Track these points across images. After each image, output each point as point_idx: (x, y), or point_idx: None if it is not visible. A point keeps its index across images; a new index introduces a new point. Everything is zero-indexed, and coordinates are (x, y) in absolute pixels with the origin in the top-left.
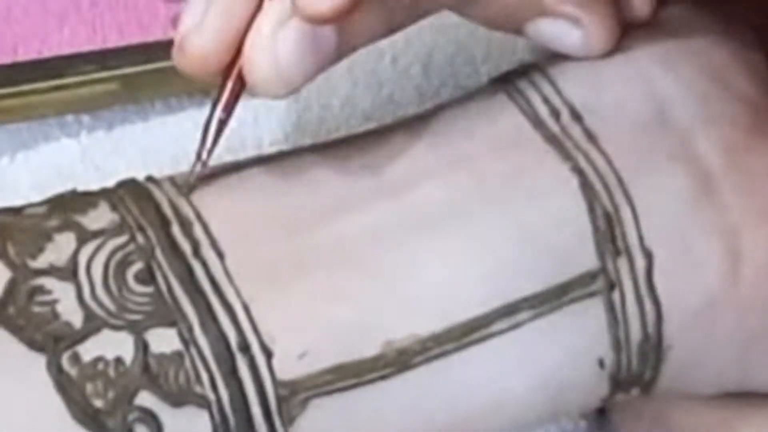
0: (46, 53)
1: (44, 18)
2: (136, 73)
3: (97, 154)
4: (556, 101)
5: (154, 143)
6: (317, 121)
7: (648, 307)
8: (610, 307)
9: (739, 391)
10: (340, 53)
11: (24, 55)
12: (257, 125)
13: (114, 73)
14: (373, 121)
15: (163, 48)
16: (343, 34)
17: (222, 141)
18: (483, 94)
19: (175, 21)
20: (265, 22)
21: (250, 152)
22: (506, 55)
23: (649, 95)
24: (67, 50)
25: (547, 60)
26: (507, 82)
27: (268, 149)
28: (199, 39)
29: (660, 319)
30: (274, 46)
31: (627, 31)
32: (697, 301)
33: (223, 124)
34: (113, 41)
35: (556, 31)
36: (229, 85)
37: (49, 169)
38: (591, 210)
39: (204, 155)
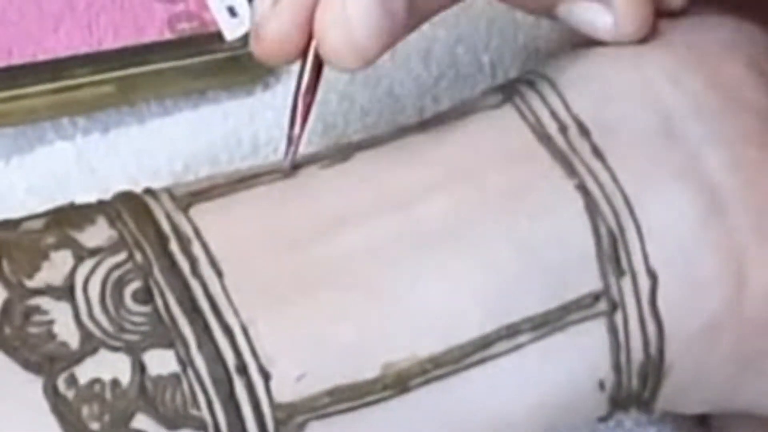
0: (41, 56)
1: (39, 20)
2: (132, 75)
3: (93, 156)
4: (564, 116)
5: (150, 145)
6: (314, 116)
7: (650, 329)
8: (613, 329)
9: (726, 411)
10: (411, 22)
11: (19, 57)
12: (253, 122)
13: (109, 76)
14: (372, 116)
15: (159, 49)
16: (412, 1)
17: (217, 139)
18: (490, 104)
19: (171, 22)
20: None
21: (246, 149)
22: (507, 44)
23: (657, 110)
24: (62, 52)
25: (555, 68)
26: (515, 91)
27: (264, 147)
28: (274, 23)
29: (662, 341)
30: (345, 19)
31: (657, 23)
32: (699, 323)
33: (309, 106)
34: (109, 43)
35: (588, 14)
36: (308, 65)
37: (44, 172)
38: (595, 229)
39: (295, 140)
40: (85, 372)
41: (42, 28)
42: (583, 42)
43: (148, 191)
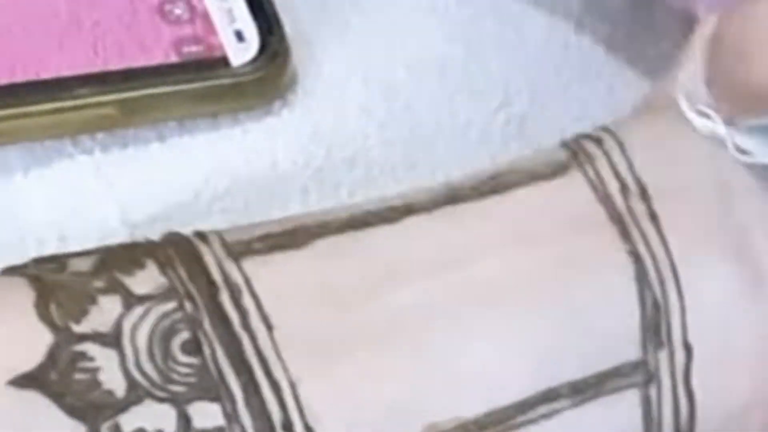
0: (44, 74)
1: (44, 38)
2: (134, 97)
3: (111, 170)
4: (628, 178)
5: (169, 159)
6: (332, 131)
7: (682, 404)
8: (646, 401)
9: None
10: None
11: (22, 75)
12: (271, 138)
13: (111, 97)
14: (389, 130)
15: (163, 72)
16: None
17: (238, 156)
18: (556, 164)
19: (177, 45)
20: None
21: (265, 163)
22: (518, 56)
23: (719, 183)
24: (65, 71)
25: (626, 129)
26: (581, 149)
27: (283, 163)
28: None
29: (693, 417)
30: None
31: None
32: (730, 403)
33: None
34: (113, 63)
35: None
36: None
37: (62, 185)
38: (642, 299)
39: None
40: (129, 422)
41: (46, 46)
42: (650, 105)
43: (199, 234)
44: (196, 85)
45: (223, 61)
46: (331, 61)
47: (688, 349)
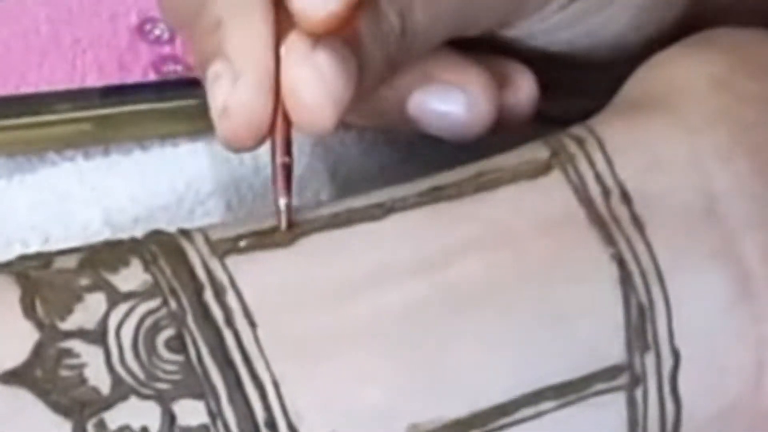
0: (24, 89)
1: (25, 54)
2: (111, 114)
3: (94, 175)
4: (609, 181)
5: (152, 165)
6: (313, 139)
7: (668, 408)
8: (632, 404)
9: None
10: (386, 73)
11: (2, 90)
12: None
13: (88, 114)
14: (367, 141)
15: (141, 90)
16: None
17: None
18: (538, 163)
19: (156, 64)
20: (293, 59)
21: (248, 168)
22: None
23: (702, 187)
24: (44, 87)
25: (607, 128)
26: (562, 148)
27: (265, 169)
28: (243, 96)
29: (678, 421)
30: (318, 73)
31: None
32: (717, 407)
33: (289, 167)
34: (92, 80)
35: (440, 101)
36: (278, 127)
37: (46, 190)
38: (626, 301)
39: (282, 205)
40: (114, 418)
41: (26, 62)
42: (631, 100)
43: (183, 232)
44: (174, 104)
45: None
46: None
47: (675, 353)
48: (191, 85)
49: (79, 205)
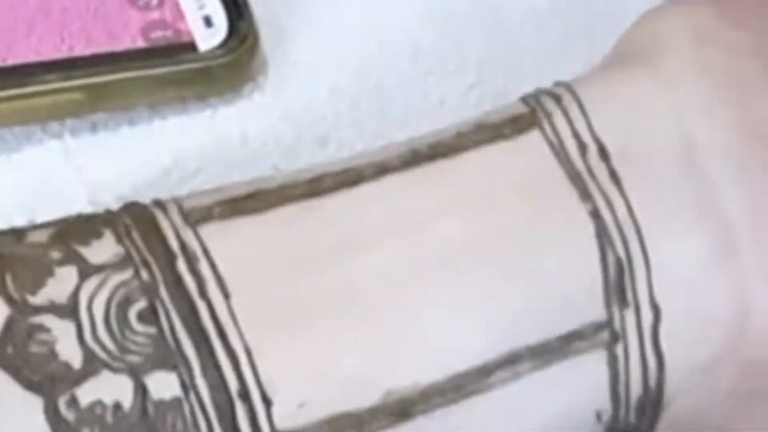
0: (12, 61)
1: (12, 25)
2: (102, 83)
3: (81, 154)
4: (586, 137)
5: (139, 142)
6: (303, 110)
7: (651, 363)
8: (613, 361)
9: None
10: None
11: None
12: (241, 119)
13: (78, 83)
14: (360, 109)
15: (130, 58)
16: None
17: (208, 137)
18: (513, 122)
19: (145, 30)
20: None
21: (235, 143)
22: (494, 38)
23: (683, 141)
24: (32, 58)
25: (585, 85)
26: (539, 106)
27: (253, 142)
28: None
29: (662, 375)
30: None
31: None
32: (700, 360)
33: None
34: (80, 49)
35: None
36: None
37: (32, 169)
38: (603, 258)
39: None
40: (86, 394)
41: (14, 32)
42: (616, 58)
43: (157, 203)
44: (164, 70)
45: (191, 47)
46: (302, 43)
47: (655, 308)
48: (181, 51)
49: (64, 183)
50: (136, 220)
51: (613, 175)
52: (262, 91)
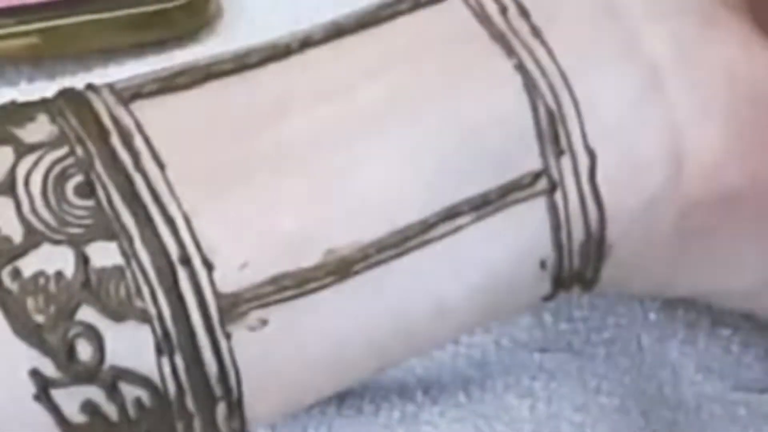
0: None
1: None
2: (57, 26)
3: None
4: None
5: None
6: None
7: (590, 207)
8: (553, 208)
9: (668, 295)
10: None
11: None
12: None
13: (34, 27)
14: None
15: (87, 2)
16: None
17: None
18: None
19: None
20: None
21: None
22: None
23: None
24: None
25: None
26: None
27: None
28: None
29: (603, 219)
30: None
31: None
32: (639, 201)
33: None
34: None
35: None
36: None
37: None
38: (534, 109)
39: None
40: (28, 265)
41: None
42: None
43: (89, 86)
44: (120, 13)
45: None
46: None
47: (590, 153)
48: None
49: None
50: (68, 102)
51: (534, 30)
52: (218, 38)
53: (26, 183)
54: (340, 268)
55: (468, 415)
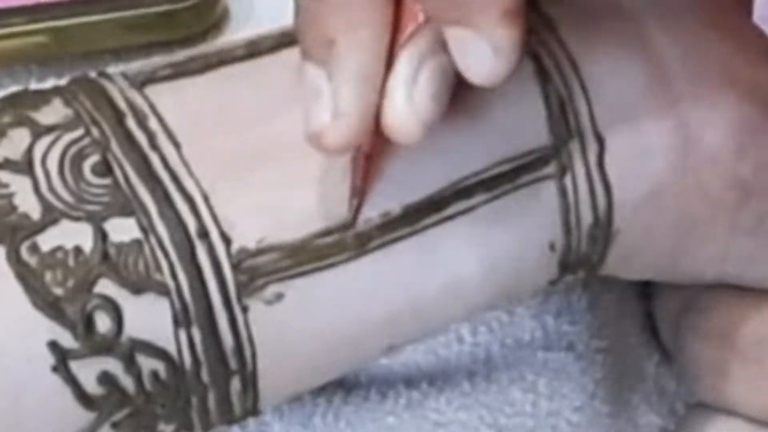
0: None
1: None
2: (67, 26)
3: None
4: None
5: None
6: None
7: (599, 192)
8: (562, 191)
9: (669, 280)
10: None
11: None
12: None
13: (43, 26)
14: None
15: (95, 1)
16: None
17: None
18: None
19: None
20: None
21: None
22: None
23: None
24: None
25: None
26: None
27: None
28: (341, 129)
29: (610, 204)
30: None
31: None
32: (646, 187)
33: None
34: None
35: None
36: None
37: None
38: (545, 93)
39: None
40: (47, 240)
41: None
42: None
43: (102, 73)
44: (128, 14)
45: None
46: None
47: (599, 139)
48: None
49: None
50: (82, 87)
51: (547, 21)
52: (225, 38)
53: (43, 163)
54: (356, 244)
55: (473, 404)
